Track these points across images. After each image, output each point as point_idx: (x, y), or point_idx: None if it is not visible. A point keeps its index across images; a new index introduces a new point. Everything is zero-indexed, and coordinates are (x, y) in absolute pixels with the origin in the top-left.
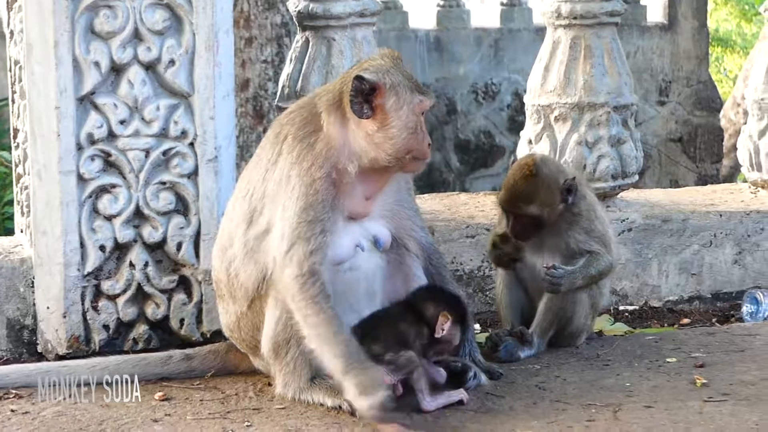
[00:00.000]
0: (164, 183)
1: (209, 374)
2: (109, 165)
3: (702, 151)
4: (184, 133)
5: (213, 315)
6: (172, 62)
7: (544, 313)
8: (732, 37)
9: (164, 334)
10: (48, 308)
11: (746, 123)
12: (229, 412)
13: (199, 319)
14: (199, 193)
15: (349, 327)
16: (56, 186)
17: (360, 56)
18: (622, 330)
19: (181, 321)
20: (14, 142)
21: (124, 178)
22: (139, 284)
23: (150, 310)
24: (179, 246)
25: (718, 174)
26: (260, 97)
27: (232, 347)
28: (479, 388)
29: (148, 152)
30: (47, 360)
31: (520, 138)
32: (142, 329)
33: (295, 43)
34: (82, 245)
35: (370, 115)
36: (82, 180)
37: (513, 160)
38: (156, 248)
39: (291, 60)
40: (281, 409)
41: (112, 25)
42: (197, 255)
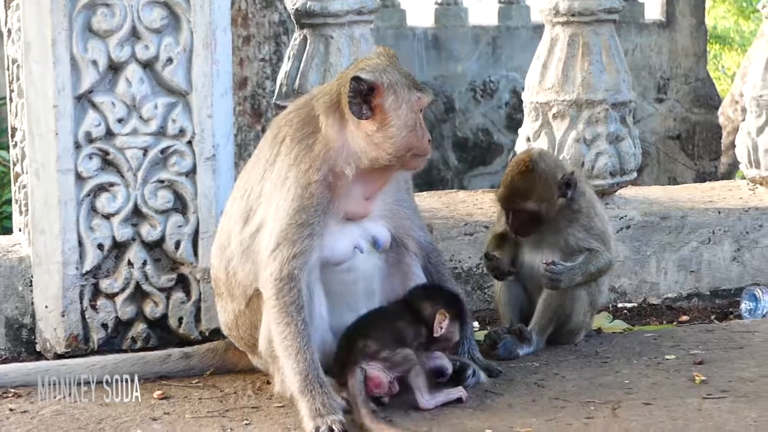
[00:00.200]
0: (162, 181)
1: (208, 372)
2: (107, 163)
3: (700, 149)
4: (182, 132)
5: (211, 313)
6: (170, 60)
7: (542, 311)
8: (730, 34)
9: (163, 333)
10: (46, 307)
11: (744, 120)
12: (227, 410)
13: (197, 318)
14: (197, 191)
15: (345, 327)
16: (54, 185)
17: (358, 54)
18: (620, 327)
19: (180, 319)
20: (12, 141)
21: (122, 176)
22: (138, 283)
23: (148, 309)
24: (177, 244)
25: (716, 171)
26: (258, 96)
27: (230, 345)
28: (478, 385)
29: (146, 150)
30: (46, 359)
31: (518, 136)
32: (140, 328)
33: (293, 41)
34: (81, 244)
35: (369, 116)
36: (80, 178)
37: (512, 156)
38: (154, 247)
39: (289, 58)
40: (280, 407)
41: (110, 23)
42: (196, 253)
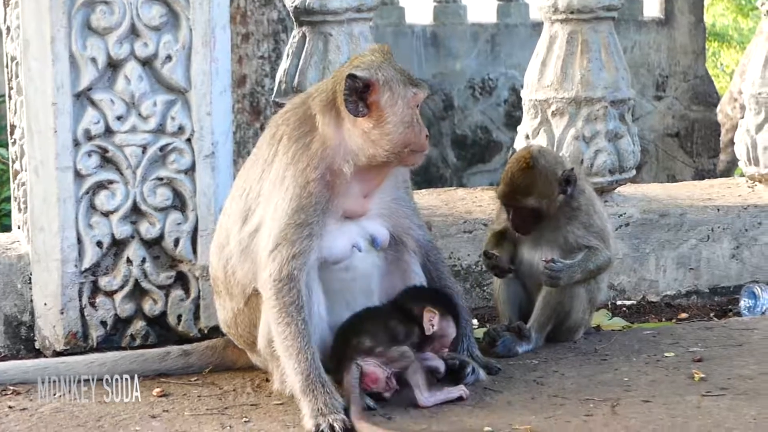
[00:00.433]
0: (161, 179)
1: (207, 370)
2: (106, 161)
3: (699, 146)
4: (181, 129)
5: (210, 311)
6: (169, 58)
7: (541, 308)
8: (729, 32)
9: (162, 330)
10: (45, 305)
11: (743, 118)
12: (227, 407)
13: (196, 315)
14: (196, 189)
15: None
16: (53, 182)
17: (357, 51)
18: (620, 325)
19: (179, 317)
20: (11, 139)
21: (121, 174)
22: (137, 280)
23: (147, 306)
24: (176, 242)
25: (715, 169)
26: (257, 93)
27: (229, 343)
28: (477, 383)
29: (145, 148)
30: (45, 356)
31: (517, 133)
32: (139, 325)
33: (291, 38)
34: (80, 241)
35: (365, 113)
36: (79, 176)
37: (511, 154)
38: (153, 244)
39: (288, 55)
40: (279, 404)
41: (109, 20)
42: (194, 251)
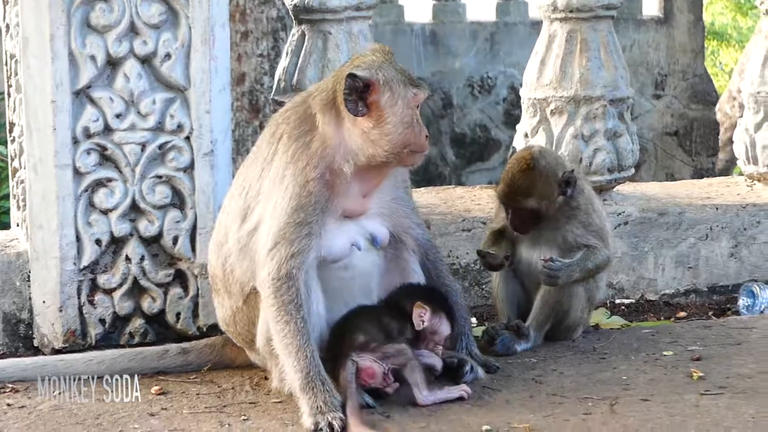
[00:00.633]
0: (160, 177)
1: (206, 368)
2: (105, 159)
3: (698, 145)
4: (180, 127)
5: (209, 309)
6: (168, 56)
7: (540, 307)
8: (728, 30)
9: (160, 328)
10: (44, 302)
11: (742, 116)
12: (225, 405)
13: (195, 313)
14: (195, 186)
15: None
16: (52, 180)
17: (356, 50)
18: (618, 323)
19: (178, 315)
20: (10, 136)
21: (120, 171)
22: (135, 278)
23: (146, 304)
24: (175, 240)
25: (713, 168)
26: (256, 91)
27: (228, 341)
28: (476, 381)
29: (144, 146)
30: (43, 354)
31: (516, 132)
32: (138, 323)
33: (291, 36)
34: (78, 239)
35: (365, 113)
36: (78, 174)
37: (511, 153)
38: (152, 242)
39: (287, 54)
40: (278, 402)
41: (108, 18)
42: (193, 249)
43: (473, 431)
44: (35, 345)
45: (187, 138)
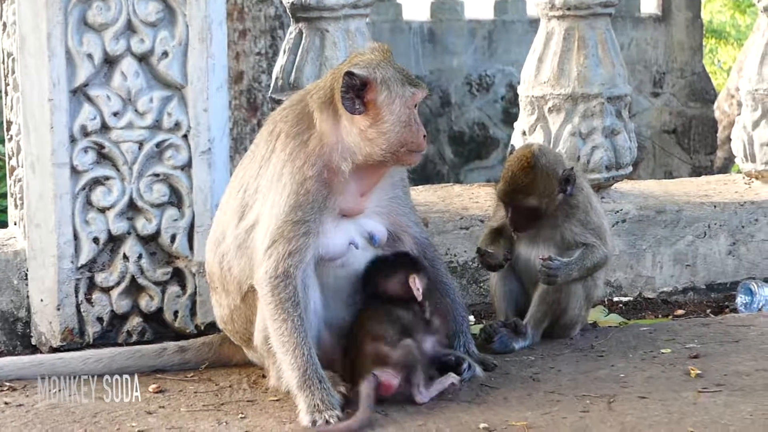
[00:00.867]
0: (158, 175)
1: (203, 366)
2: (103, 157)
3: (696, 143)
4: (177, 125)
5: (207, 307)
6: (166, 54)
7: (538, 305)
8: (726, 28)
9: (158, 327)
10: (42, 301)
11: (740, 114)
12: (223, 404)
13: (193, 312)
14: (192, 185)
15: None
16: (49, 178)
17: (353, 48)
18: (616, 321)
19: (175, 313)
20: (8, 135)
21: (118, 170)
22: (133, 276)
23: (144, 303)
24: (173, 238)
25: (712, 165)
26: (254, 90)
27: (226, 339)
28: (474, 379)
29: (141, 144)
30: (41, 352)
31: (514, 129)
32: (136, 321)
33: (288, 34)
34: (76, 237)
35: (362, 111)
36: (75, 172)
37: (510, 151)
38: (150, 240)
39: (284, 52)
40: (275, 401)
41: (105, 16)
42: (191, 247)
43: (471, 429)
44: (33, 343)
45: (185, 136)
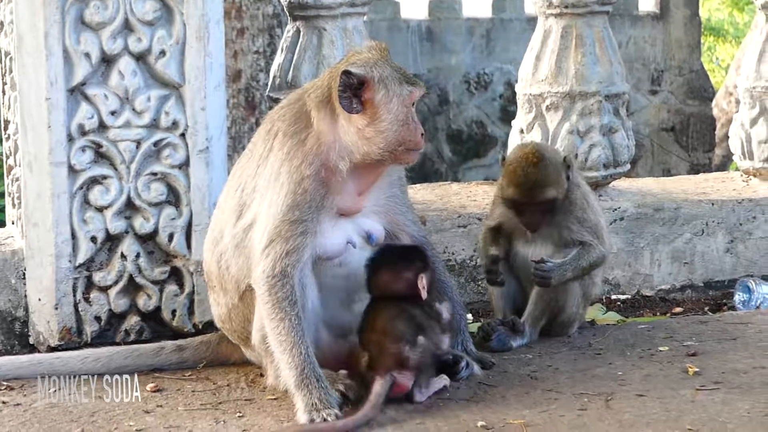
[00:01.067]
0: (155, 174)
1: (201, 365)
2: (100, 156)
3: (694, 141)
4: (175, 124)
5: (205, 306)
6: (163, 53)
7: (535, 303)
8: (724, 26)
9: (156, 326)
10: (39, 300)
11: (738, 112)
12: (221, 402)
13: (191, 310)
14: (190, 184)
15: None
16: (47, 177)
17: (351, 46)
18: (614, 319)
19: (173, 312)
20: (5, 134)
21: (115, 169)
22: (131, 275)
23: (142, 302)
24: (171, 237)
25: (710, 163)
26: (252, 88)
27: (223, 338)
28: (471, 377)
29: (139, 143)
30: (39, 352)
31: (511, 128)
32: (134, 320)
33: (285, 33)
34: (74, 237)
35: (359, 110)
36: (73, 171)
37: (502, 156)
38: (147, 239)
39: (282, 50)
40: (273, 399)
41: (103, 15)
42: (189, 246)
43: (469, 427)
44: (31, 343)
45: (183, 135)
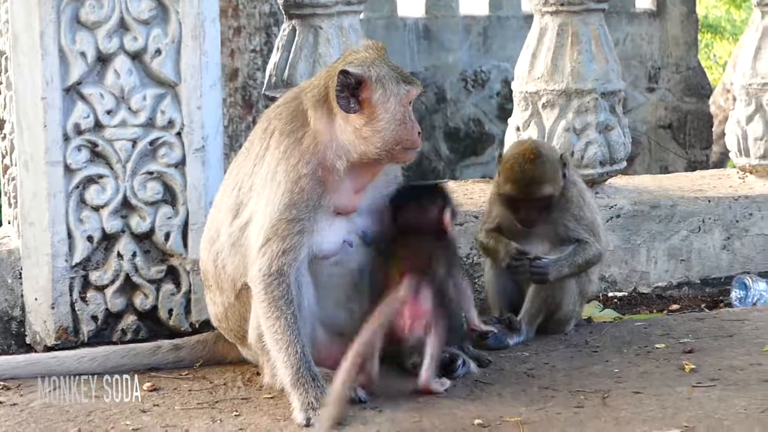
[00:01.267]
0: (151, 173)
1: (198, 364)
2: (96, 155)
3: (692, 138)
4: (171, 123)
5: (201, 305)
6: (159, 52)
7: (532, 300)
8: (721, 23)
9: (153, 325)
10: (36, 299)
11: (734, 109)
12: (217, 401)
13: (187, 309)
14: (186, 182)
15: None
16: (43, 177)
17: (347, 45)
18: (611, 316)
19: (170, 311)
20: (1, 134)
21: (111, 168)
22: (127, 275)
23: (138, 301)
24: (167, 236)
25: (707, 160)
26: (249, 87)
27: (220, 337)
28: (468, 375)
29: (135, 142)
30: (36, 351)
31: (508, 125)
32: (130, 320)
33: (281, 31)
34: (70, 236)
35: (357, 110)
36: (69, 170)
37: (499, 154)
38: (144, 238)
39: (278, 49)
40: (270, 398)
41: (98, 14)
42: (185, 245)
43: (465, 425)
44: (27, 342)
45: (179, 134)
